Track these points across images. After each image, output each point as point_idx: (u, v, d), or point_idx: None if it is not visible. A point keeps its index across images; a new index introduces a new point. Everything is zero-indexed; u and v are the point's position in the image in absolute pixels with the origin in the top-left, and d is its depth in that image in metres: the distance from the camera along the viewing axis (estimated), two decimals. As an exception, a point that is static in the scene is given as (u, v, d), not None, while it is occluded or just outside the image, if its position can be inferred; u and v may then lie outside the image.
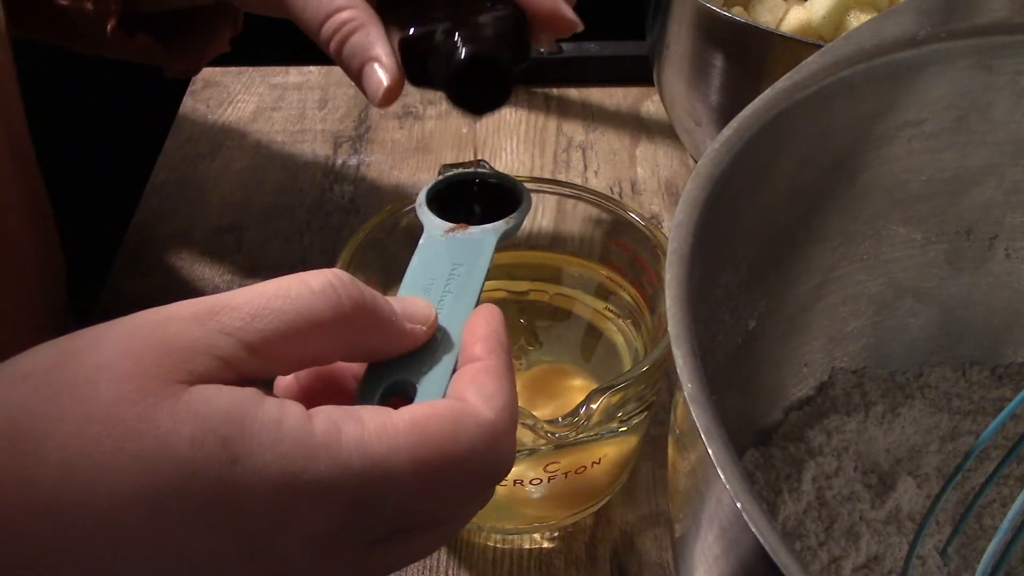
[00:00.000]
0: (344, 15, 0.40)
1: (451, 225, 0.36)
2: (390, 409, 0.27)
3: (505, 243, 0.37)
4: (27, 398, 0.23)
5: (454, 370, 0.30)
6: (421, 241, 0.36)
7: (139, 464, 0.23)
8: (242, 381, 0.25)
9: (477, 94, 0.38)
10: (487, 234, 0.36)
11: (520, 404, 0.38)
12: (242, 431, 0.24)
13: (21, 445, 0.23)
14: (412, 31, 0.38)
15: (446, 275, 0.33)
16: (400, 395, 0.29)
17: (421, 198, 0.39)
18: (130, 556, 0.23)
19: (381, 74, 0.38)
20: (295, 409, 0.25)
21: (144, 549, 0.23)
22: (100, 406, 0.23)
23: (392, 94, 0.39)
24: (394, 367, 0.29)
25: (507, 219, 0.37)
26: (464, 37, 0.37)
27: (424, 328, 0.30)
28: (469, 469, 0.27)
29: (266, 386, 0.27)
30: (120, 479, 0.23)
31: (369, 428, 0.25)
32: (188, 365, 0.24)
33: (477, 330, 0.30)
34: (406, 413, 0.26)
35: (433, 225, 0.37)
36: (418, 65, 0.39)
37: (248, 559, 0.24)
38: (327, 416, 0.25)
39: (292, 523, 0.24)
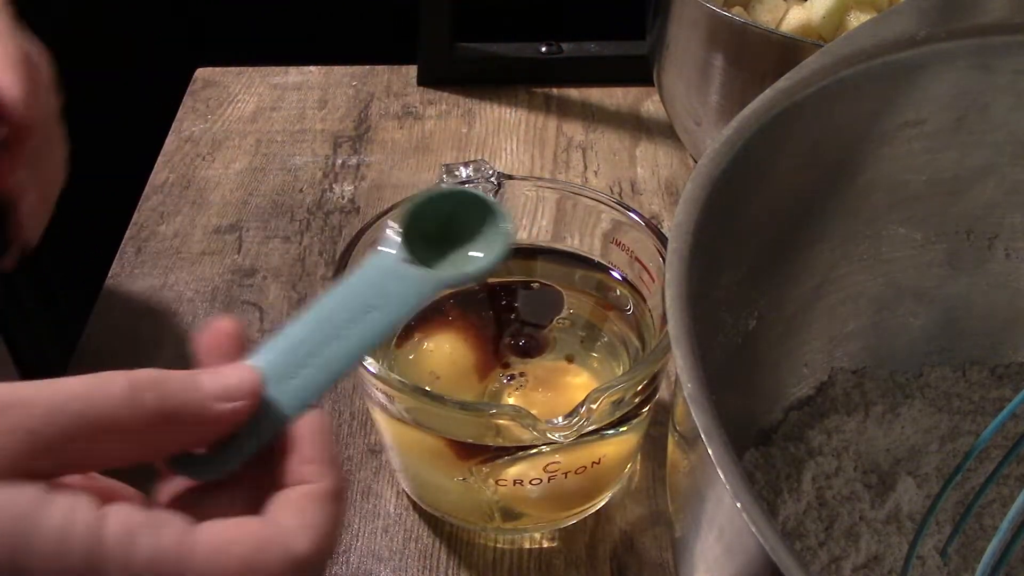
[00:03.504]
0: None
1: (406, 255, 0.30)
2: (190, 522, 0.25)
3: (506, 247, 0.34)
4: None
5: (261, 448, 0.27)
6: (366, 259, 0.31)
7: None
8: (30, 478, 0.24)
9: None
10: (426, 280, 0.30)
11: (520, 404, 0.39)
12: (27, 545, 0.23)
13: None
14: None
15: (354, 314, 0.29)
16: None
17: (400, 219, 0.32)
18: None
19: None
20: (84, 514, 0.24)
21: None
22: None
23: None
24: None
25: (463, 264, 0.31)
26: None
27: (239, 405, 0.27)
28: None
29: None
30: None
31: (164, 545, 0.24)
32: None
33: (305, 448, 0.27)
34: (209, 532, 0.25)
35: (387, 246, 0.31)
36: None
37: None
38: (122, 522, 0.24)
39: None
